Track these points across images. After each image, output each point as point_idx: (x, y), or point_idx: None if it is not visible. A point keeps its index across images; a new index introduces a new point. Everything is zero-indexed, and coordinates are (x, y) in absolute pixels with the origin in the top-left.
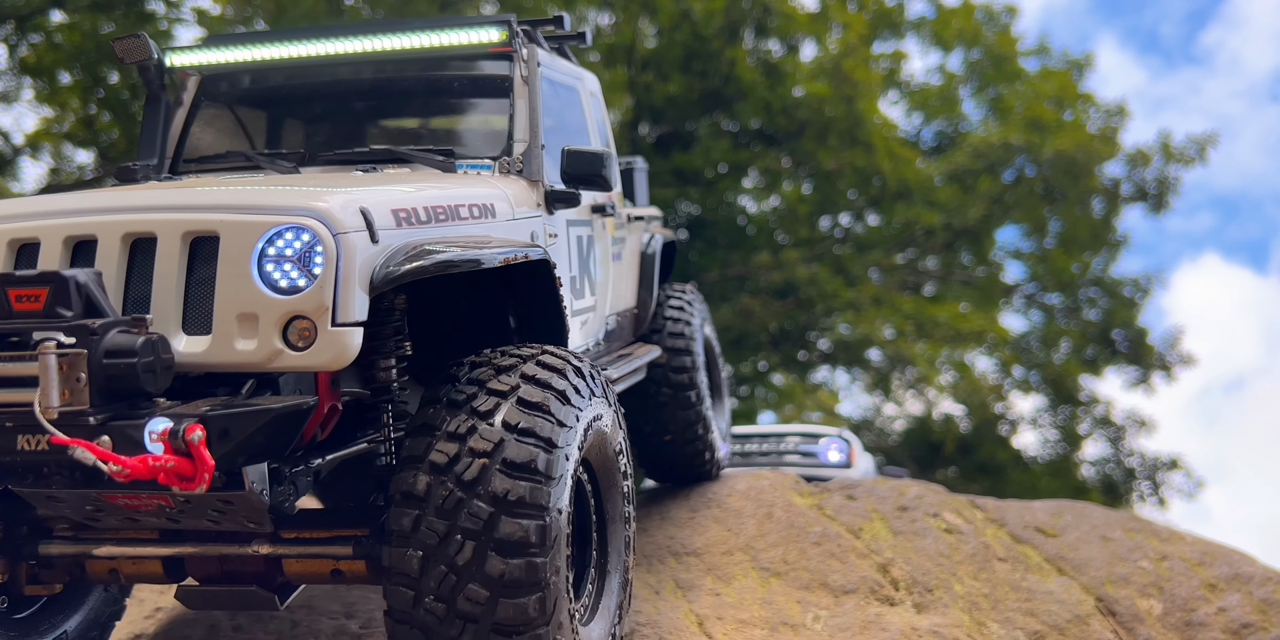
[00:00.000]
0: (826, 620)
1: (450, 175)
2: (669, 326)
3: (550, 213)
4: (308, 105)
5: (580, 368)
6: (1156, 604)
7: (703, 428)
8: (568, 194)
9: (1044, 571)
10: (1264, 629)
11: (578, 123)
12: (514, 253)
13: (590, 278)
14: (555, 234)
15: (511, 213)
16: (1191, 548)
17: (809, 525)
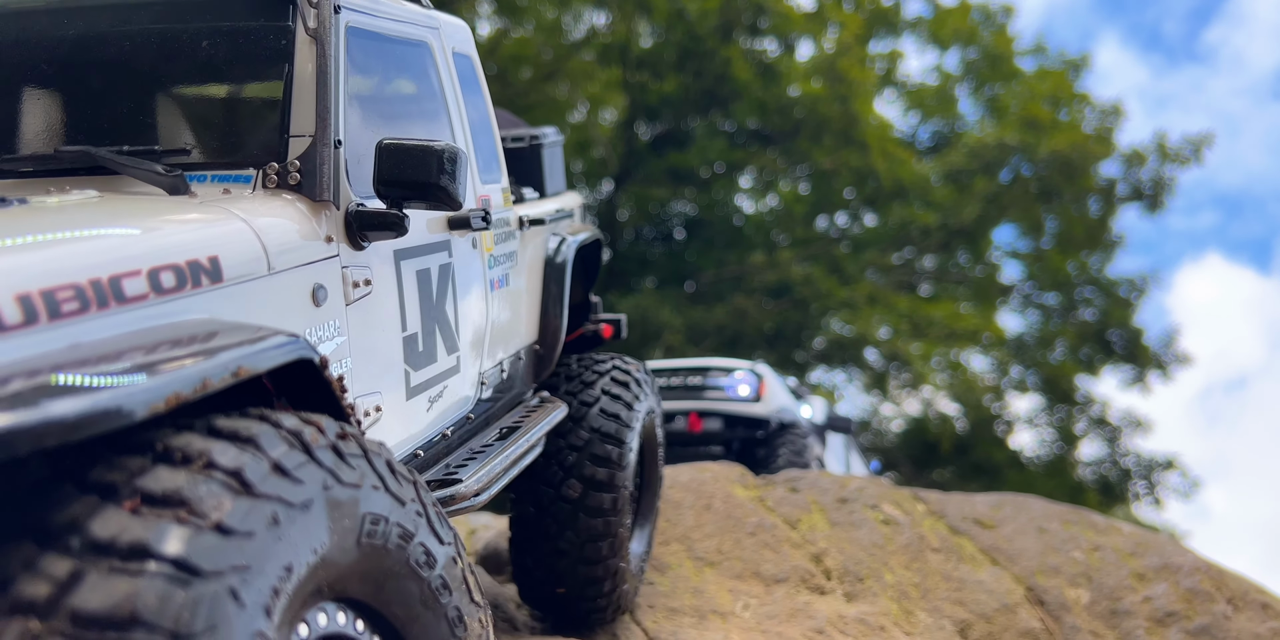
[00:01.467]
0: (756, 608)
1: (170, 200)
2: (603, 403)
3: (358, 247)
4: None
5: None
6: (1085, 593)
7: (609, 548)
8: (386, 217)
9: (977, 562)
10: (1187, 617)
11: (425, 101)
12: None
13: (447, 329)
14: (369, 280)
15: (266, 263)
16: (1126, 539)
17: (746, 516)
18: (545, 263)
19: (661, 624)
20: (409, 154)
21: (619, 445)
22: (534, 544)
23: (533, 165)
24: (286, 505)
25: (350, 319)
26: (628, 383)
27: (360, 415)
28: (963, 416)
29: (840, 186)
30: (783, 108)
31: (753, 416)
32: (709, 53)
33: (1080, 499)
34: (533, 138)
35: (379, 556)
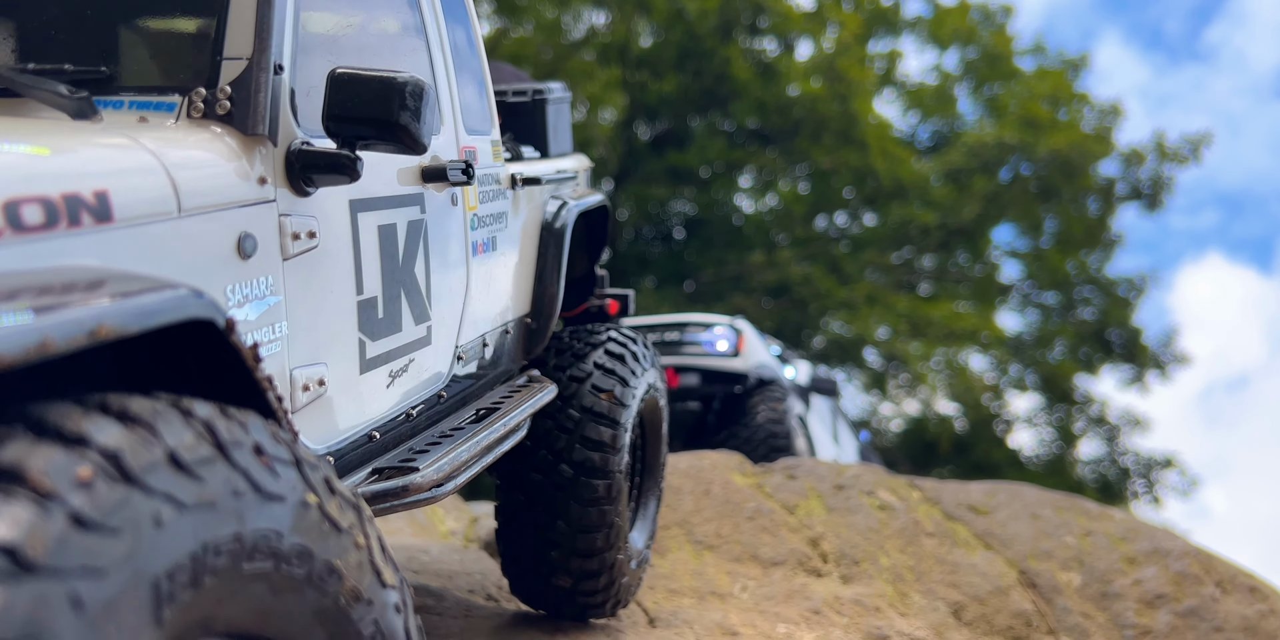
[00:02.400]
0: (754, 590)
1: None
2: (595, 378)
3: (302, 192)
4: None
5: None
6: (1076, 576)
7: (604, 539)
8: (335, 159)
9: (970, 546)
10: (1176, 599)
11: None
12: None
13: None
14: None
15: (176, 204)
16: (1118, 525)
17: (744, 502)
18: (542, 228)
19: (662, 604)
20: (365, 86)
21: (613, 426)
22: (523, 535)
23: (535, 122)
24: (176, 505)
25: (288, 276)
26: (623, 356)
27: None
28: (962, 416)
29: (840, 186)
30: (782, 107)
31: (731, 371)
32: (708, 52)
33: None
34: (536, 92)
35: (295, 595)
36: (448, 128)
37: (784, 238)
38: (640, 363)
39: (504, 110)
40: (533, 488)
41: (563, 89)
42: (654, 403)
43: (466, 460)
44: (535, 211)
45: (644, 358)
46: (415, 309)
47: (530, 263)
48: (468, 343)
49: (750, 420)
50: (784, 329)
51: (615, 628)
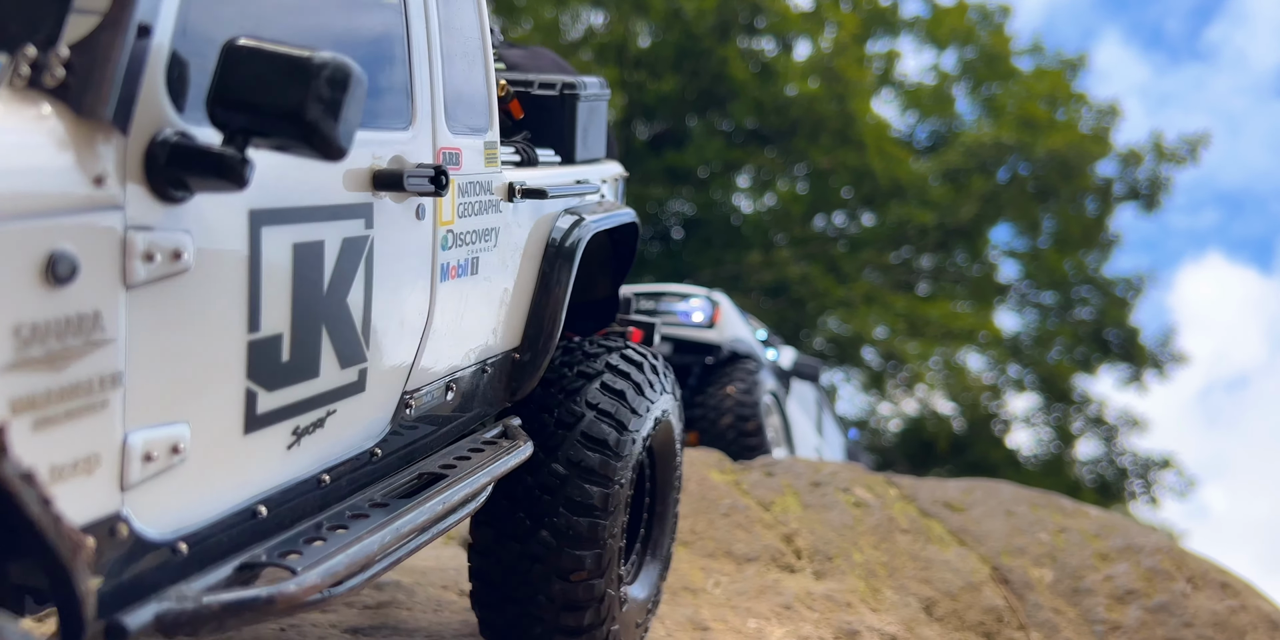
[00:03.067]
0: (726, 585)
1: None
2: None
3: (167, 198)
4: None
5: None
6: (1048, 572)
7: (592, 616)
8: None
9: (944, 543)
10: (1147, 595)
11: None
12: None
13: (345, 331)
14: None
15: None
16: (1092, 522)
17: (721, 498)
18: (547, 247)
19: None
20: (268, 64)
21: (605, 485)
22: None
23: (562, 121)
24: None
25: (134, 309)
26: (624, 392)
27: (134, 460)
28: (960, 416)
29: (838, 186)
30: (780, 107)
31: (703, 342)
32: (706, 52)
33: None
34: (567, 86)
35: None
36: (422, 124)
37: (782, 237)
38: (647, 394)
39: (527, 105)
40: (508, 555)
41: (600, 85)
42: (666, 433)
43: (376, 553)
44: (541, 227)
45: (653, 386)
46: (343, 348)
47: (528, 288)
48: (424, 387)
49: (718, 391)
50: (782, 328)
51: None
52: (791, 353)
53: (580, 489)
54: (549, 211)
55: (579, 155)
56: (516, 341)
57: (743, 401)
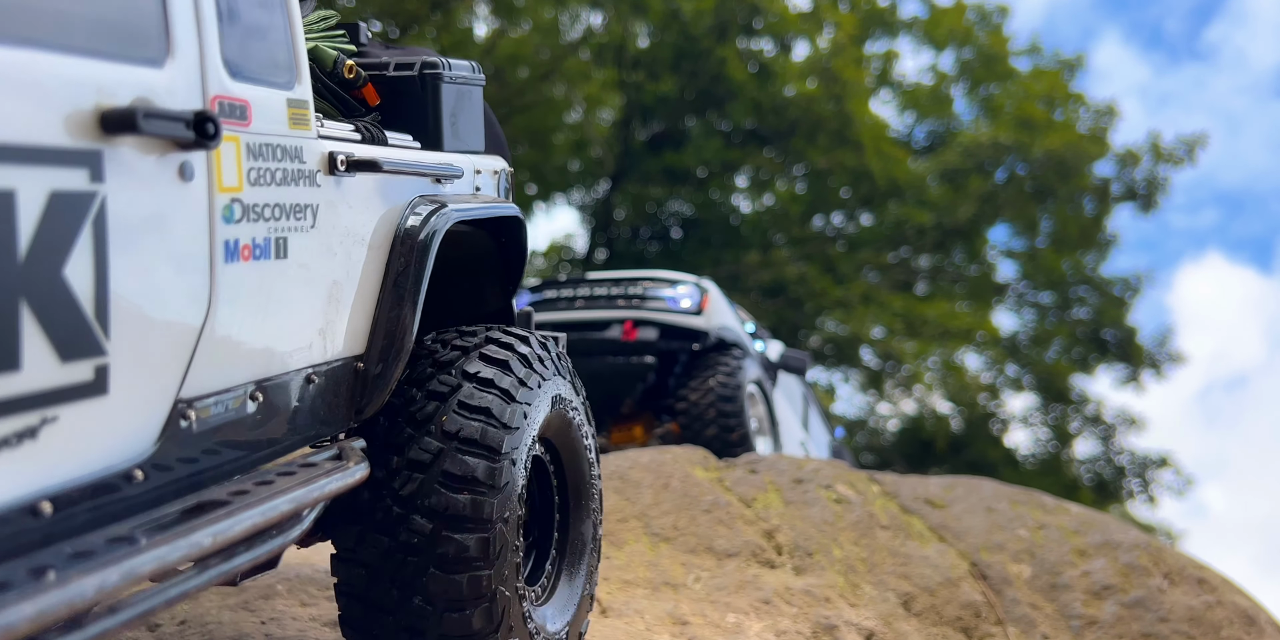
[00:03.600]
0: (707, 581)
1: None
2: (465, 392)
3: None
4: None
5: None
6: (1026, 568)
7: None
8: None
9: (924, 539)
10: (1123, 590)
11: None
12: None
13: (69, 310)
14: None
15: None
16: (1072, 519)
17: (703, 495)
18: (395, 237)
19: (615, 595)
20: None
21: (490, 456)
22: (371, 623)
23: (421, 105)
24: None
25: None
26: (508, 361)
27: None
28: (958, 415)
29: (836, 186)
30: (778, 108)
31: (690, 328)
32: (704, 53)
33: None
34: (427, 66)
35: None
36: (184, 61)
37: (780, 237)
38: (538, 368)
39: (384, 90)
40: (378, 554)
41: (472, 69)
42: (565, 424)
43: (94, 600)
44: (387, 214)
45: (544, 362)
46: (61, 335)
47: (373, 284)
48: (209, 395)
49: (702, 380)
50: (780, 328)
51: None
52: (779, 346)
53: (459, 461)
54: (398, 196)
55: (447, 145)
56: (359, 348)
57: (725, 392)
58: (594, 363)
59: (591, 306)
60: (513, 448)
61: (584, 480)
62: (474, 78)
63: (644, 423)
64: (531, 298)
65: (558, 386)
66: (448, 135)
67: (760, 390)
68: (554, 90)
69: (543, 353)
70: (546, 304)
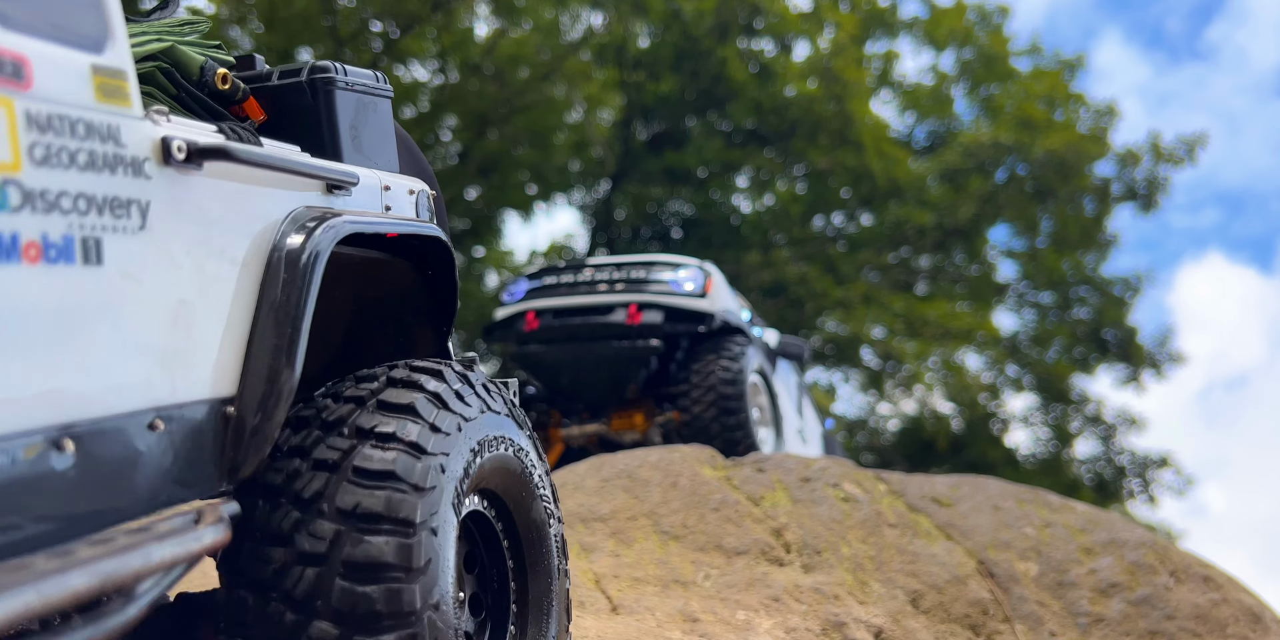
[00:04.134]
0: (716, 578)
1: None
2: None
3: None
4: None
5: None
6: (1033, 566)
7: None
8: None
9: (931, 537)
10: (1130, 588)
11: None
12: None
13: None
14: None
15: None
16: (1078, 517)
17: (711, 493)
18: (271, 254)
19: (626, 592)
20: None
21: (401, 531)
22: None
23: (313, 116)
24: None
25: None
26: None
27: None
28: (958, 415)
29: (836, 186)
30: (779, 108)
31: (696, 310)
32: (705, 53)
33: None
34: (317, 70)
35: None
36: None
37: (781, 238)
38: (456, 407)
39: (271, 102)
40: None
41: (376, 79)
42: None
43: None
44: (256, 223)
45: (464, 399)
46: None
47: (242, 309)
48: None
49: (704, 366)
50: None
51: (576, 614)
52: (775, 334)
53: (364, 543)
54: (275, 204)
55: (348, 160)
56: (228, 389)
57: (728, 379)
58: (598, 347)
59: (594, 291)
60: (430, 513)
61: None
62: (378, 88)
63: (645, 410)
64: (530, 284)
65: (491, 426)
66: (347, 149)
67: (763, 379)
68: (555, 90)
69: (462, 387)
70: (547, 290)
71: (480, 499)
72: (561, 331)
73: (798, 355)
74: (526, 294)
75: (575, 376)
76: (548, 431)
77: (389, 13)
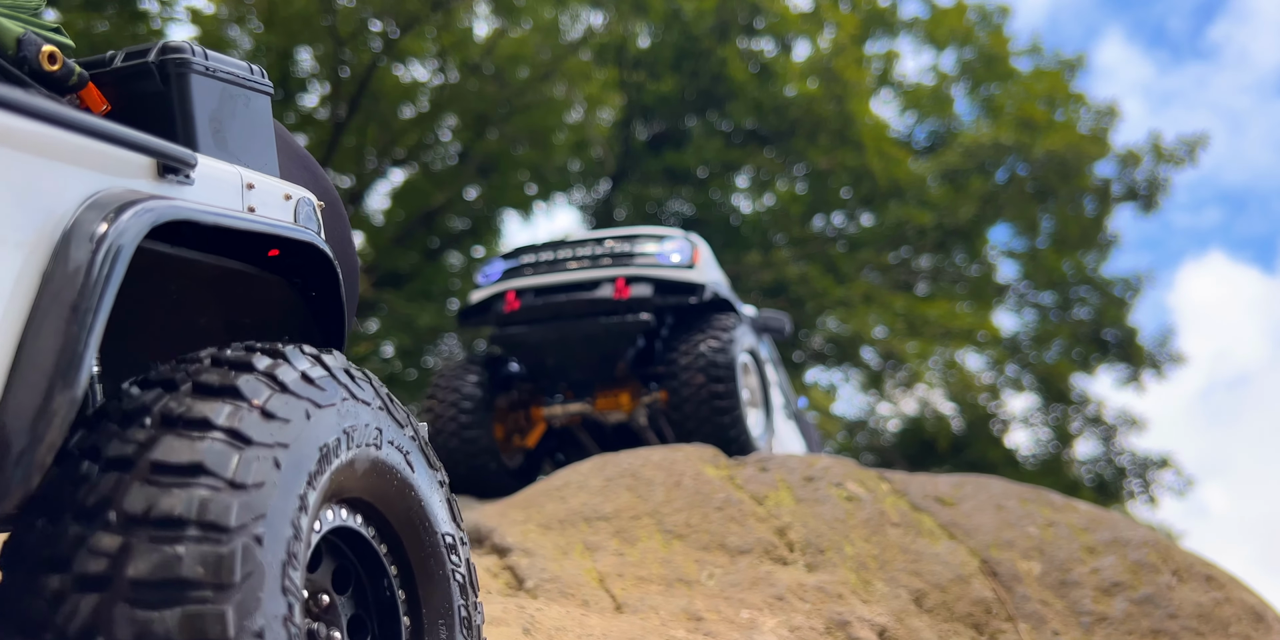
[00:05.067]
0: (720, 577)
1: None
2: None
3: None
4: None
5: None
6: (1036, 565)
7: None
8: None
9: (934, 536)
10: (1132, 587)
11: None
12: None
13: None
14: None
15: None
16: (1081, 516)
17: (715, 493)
18: (62, 236)
19: (630, 591)
20: None
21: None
22: None
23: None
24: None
25: None
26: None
27: None
28: (958, 415)
29: (837, 186)
30: (779, 108)
31: (686, 281)
32: (705, 53)
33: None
34: (169, 50)
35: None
36: None
37: (781, 237)
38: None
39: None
40: None
41: (250, 71)
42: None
43: None
44: (39, 199)
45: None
46: None
47: (19, 305)
48: None
49: (693, 346)
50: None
51: (580, 613)
52: (752, 309)
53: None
54: (70, 180)
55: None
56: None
57: (716, 358)
58: (585, 325)
59: (576, 267)
60: (253, 516)
61: (435, 561)
62: (251, 80)
63: (631, 390)
64: (507, 264)
65: (357, 417)
66: (206, 144)
67: (754, 359)
68: (554, 90)
69: (313, 368)
70: (525, 269)
71: (352, 512)
72: (545, 310)
73: (779, 330)
74: (504, 274)
75: (562, 356)
76: (529, 411)
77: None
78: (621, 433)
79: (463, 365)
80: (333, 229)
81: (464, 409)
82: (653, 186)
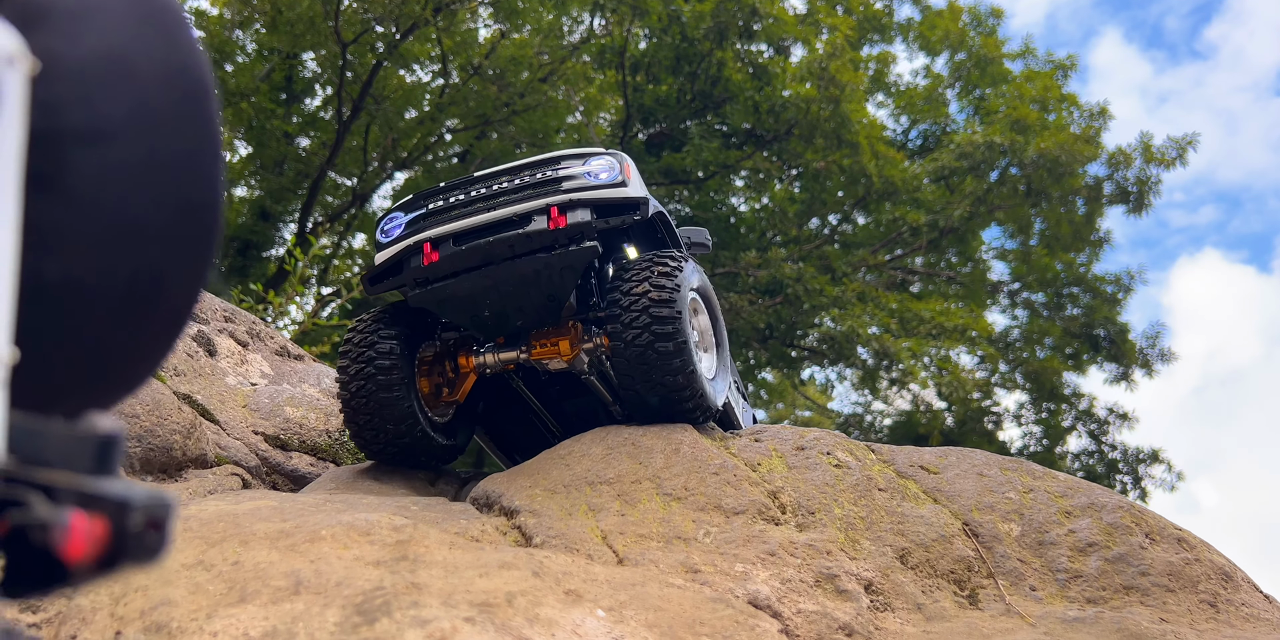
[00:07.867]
0: (716, 535)
1: None
2: None
3: None
4: None
5: None
6: (1015, 527)
7: None
8: None
9: (919, 500)
10: (1107, 547)
11: None
12: None
13: None
14: None
15: None
16: (1060, 484)
17: (711, 459)
18: None
19: (631, 547)
20: None
21: None
22: None
23: None
24: None
25: None
26: None
27: None
28: (951, 412)
29: (832, 187)
30: (775, 110)
31: (625, 199)
32: (703, 56)
33: None
34: None
35: None
36: None
37: (778, 237)
38: None
39: None
40: None
41: None
42: None
43: None
44: None
45: None
46: None
47: None
48: None
49: (635, 285)
50: (778, 326)
51: (584, 565)
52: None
53: None
54: None
55: None
56: None
57: (661, 296)
58: (520, 265)
59: (497, 204)
60: None
61: None
62: None
63: (570, 336)
64: (411, 215)
65: None
66: None
67: (703, 298)
68: (554, 92)
69: None
70: (436, 216)
71: None
72: (472, 256)
73: (703, 244)
74: (409, 226)
75: (500, 305)
76: (456, 360)
77: (391, 15)
78: (561, 379)
79: (375, 317)
80: None
81: (381, 368)
82: (652, 187)
